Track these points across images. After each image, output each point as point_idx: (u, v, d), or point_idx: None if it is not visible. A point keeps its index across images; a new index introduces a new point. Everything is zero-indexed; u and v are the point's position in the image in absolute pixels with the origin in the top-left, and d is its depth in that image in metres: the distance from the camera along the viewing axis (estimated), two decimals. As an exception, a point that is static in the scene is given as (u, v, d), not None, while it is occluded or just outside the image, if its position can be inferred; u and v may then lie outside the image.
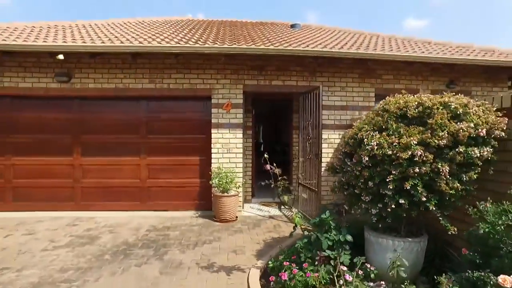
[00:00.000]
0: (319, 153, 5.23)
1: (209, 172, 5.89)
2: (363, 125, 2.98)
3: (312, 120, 5.47)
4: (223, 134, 6.02)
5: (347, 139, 3.10)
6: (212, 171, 5.82)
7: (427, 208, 2.62)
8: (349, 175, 2.99)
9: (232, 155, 6.05)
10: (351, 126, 3.63)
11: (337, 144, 5.97)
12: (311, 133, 5.48)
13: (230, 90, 6.03)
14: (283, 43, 6.01)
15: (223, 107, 6.00)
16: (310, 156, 5.50)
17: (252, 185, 7.12)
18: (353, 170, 2.88)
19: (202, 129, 6.15)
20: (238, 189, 5.82)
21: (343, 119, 6.19)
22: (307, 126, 5.69)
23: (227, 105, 6.00)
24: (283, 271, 2.87)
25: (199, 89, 6.00)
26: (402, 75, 6.38)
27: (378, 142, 2.59)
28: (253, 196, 7.20)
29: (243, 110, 6.14)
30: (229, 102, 6.00)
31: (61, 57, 5.46)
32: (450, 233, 2.54)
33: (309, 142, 5.55)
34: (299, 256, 3.07)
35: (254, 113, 7.24)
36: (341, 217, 4.37)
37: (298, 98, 6.30)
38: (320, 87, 5.20)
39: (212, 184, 5.68)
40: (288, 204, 3.14)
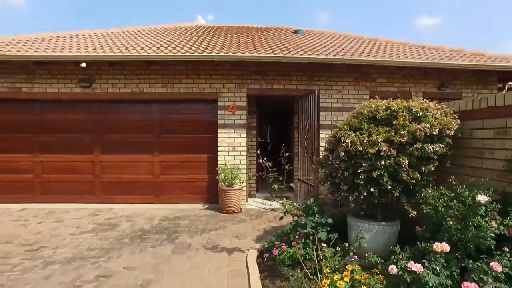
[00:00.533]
0: (315, 151, 5.73)
1: (216, 168, 6.47)
2: (343, 125, 3.50)
3: (309, 121, 5.98)
4: (228, 134, 6.59)
5: (330, 137, 3.63)
6: (218, 167, 6.40)
7: (398, 199, 3.13)
8: (331, 168, 3.51)
9: (237, 153, 6.62)
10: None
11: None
12: (308, 133, 6.00)
13: (235, 93, 6.60)
14: (283, 50, 6.54)
15: (228, 109, 6.58)
16: (307, 154, 6.01)
17: (256, 181, 7.67)
18: (333, 164, 3.40)
19: (209, 129, 6.74)
20: (242, 183, 6.38)
21: (339, 120, 6.62)
22: (305, 127, 6.20)
23: (232, 107, 6.57)
24: (275, 248, 3.42)
25: (206, 92, 6.59)
26: (395, 78, 6.83)
27: (352, 140, 3.11)
28: (257, 191, 7.75)
29: (247, 111, 6.71)
30: (234, 105, 6.57)
31: (83, 65, 6.15)
32: (412, 216, 3.04)
33: (307, 141, 6.07)
34: (289, 237, 3.61)
35: (261, 114, 7.81)
36: (336, 209, 4.90)
37: (298, 101, 6.82)
38: (316, 90, 5.71)
39: (218, 179, 6.26)
40: (277, 192, 3.67)
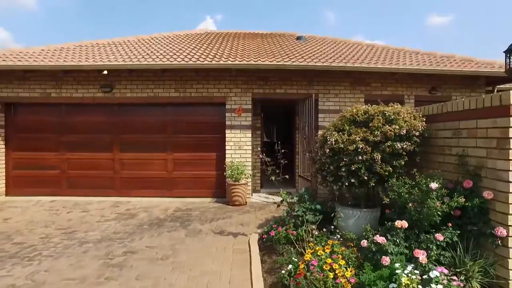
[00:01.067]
0: (312, 149, 6.33)
1: (223, 165, 7.13)
2: (330, 126, 4.11)
3: (308, 122, 6.58)
4: (235, 134, 7.25)
5: (320, 137, 4.25)
6: (226, 164, 7.06)
7: (374, 188, 3.73)
8: (320, 163, 4.13)
9: (243, 151, 7.27)
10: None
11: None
12: (307, 133, 6.61)
13: (241, 97, 7.25)
14: (285, 57, 7.17)
15: (235, 112, 7.23)
16: (305, 152, 6.63)
17: (261, 177, 8.32)
18: (321, 159, 4.02)
19: (217, 129, 7.41)
20: (247, 179, 7.03)
21: (336, 121, 7.27)
22: (304, 127, 6.81)
23: (238, 110, 7.23)
24: (272, 230, 4.06)
25: (215, 96, 7.26)
26: (388, 83, 7.39)
27: (335, 139, 3.73)
28: (261, 187, 8.40)
29: (251, 114, 7.36)
30: (240, 108, 7.23)
31: (105, 72, 6.88)
32: (386, 203, 3.63)
33: (306, 141, 6.68)
34: (284, 221, 4.24)
35: (266, 116, 8.43)
36: (333, 202, 5.51)
37: (299, 103, 7.43)
38: (313, 95, 6.33)
39: (226, 175, 6.92)
40: (276, 182, 4.31)
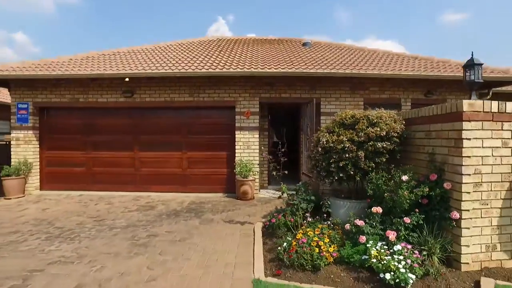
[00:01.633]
0: (309, 148, 6.94)
1: (233, 163, 7.82)
2: (323, 129, 4.74)
3: (310, 124, 7.20)
4: (244, 134, 7.92)
5: (315, 137, 4.87)
6: (235, 162, 7.74)
7: (360, 182, 4.33)
8: (314, 160, 4.76)
9: (251, 150, 7.94)
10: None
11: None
12: (309, 134, 7.22)
13: (249, 101, 7.93)
14: (289, 64, 7.80)
15: (244, 115, 7.91)
16: (307, 151, 7.24)
17: (268, 175, 8.97)
18: (315, 157, 4.65)
19: (228, 130, 8.10)
20: (255, 175, 7.70)
21: (337, 122, 7.85)
22: (307, 129, 7.43)
23: (247, 112, 7.90)
24: (273, 218, 4.71)
25: (226, 100, 7.96)
26: (386, 87, 7.93)
27: (326, 139, 4.35)
28: (269, 184, 9.05)
29: (259, 116, 8.03)
30: (248, 111, 7.90)
31: (127, 79, 7.67)
32: (369, 194, 4.23)
33: (308, 141, 7.30)
34: (285, 211, 4.89)
35: (273, 118, 9.08)
36: (330, 195, 6.09)
37: (302, 107, 8.04)
38: (314, 99, 6.95)
39: (235, 172, 7.60)
40: (276, 175, 4.97)
